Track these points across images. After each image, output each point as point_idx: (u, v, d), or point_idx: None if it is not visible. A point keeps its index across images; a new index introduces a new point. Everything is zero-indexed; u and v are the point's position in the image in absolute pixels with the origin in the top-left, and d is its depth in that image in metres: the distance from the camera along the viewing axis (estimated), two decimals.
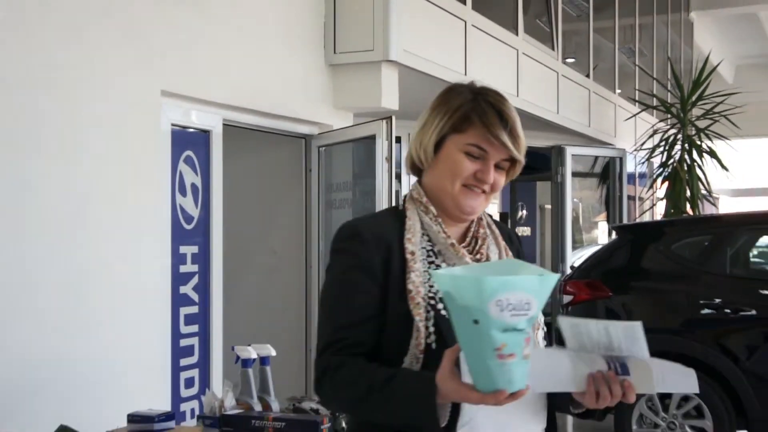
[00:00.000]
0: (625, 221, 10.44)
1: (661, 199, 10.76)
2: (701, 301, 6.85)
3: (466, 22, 7.07)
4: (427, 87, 6.74)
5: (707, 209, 11.14)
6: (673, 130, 10.64)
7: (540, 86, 8.84)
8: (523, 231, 14.97)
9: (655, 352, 6.08)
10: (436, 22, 6.69)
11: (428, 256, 2.15)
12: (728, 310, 6.76)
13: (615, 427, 6.93)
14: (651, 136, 10.67)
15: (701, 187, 10.38)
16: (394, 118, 5.42)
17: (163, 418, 3.41)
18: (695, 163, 10.50)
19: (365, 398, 2.02)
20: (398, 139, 8.70)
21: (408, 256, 2.11)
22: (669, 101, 10.98)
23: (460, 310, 1.81)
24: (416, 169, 2.27)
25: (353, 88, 6.06)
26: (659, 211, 11.48)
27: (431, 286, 2.08)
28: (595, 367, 2.01)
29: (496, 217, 11.91)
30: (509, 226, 15.11)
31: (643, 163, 11.01)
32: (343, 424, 3.65)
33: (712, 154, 10.44)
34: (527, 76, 8.38)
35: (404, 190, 8.81)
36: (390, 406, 2.01)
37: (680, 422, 6.73)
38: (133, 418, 3.42)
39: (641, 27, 12.77)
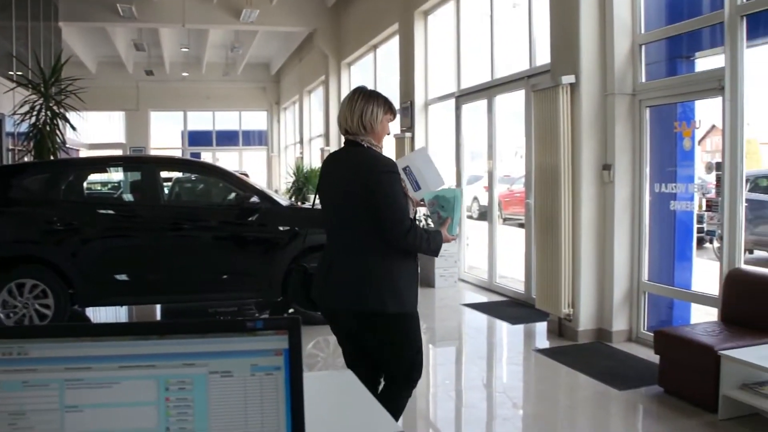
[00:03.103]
0: None
1: (31, 150, 10.58)
2: (47, 219, 6.91)
3: None
4: None
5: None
6: (39, 101, 10.59)
7: None
8: None
9: (20, 257, 6.80)
10: None
11: None
12: (63, 225, 6.95)
13: None
14: (22, 105, 10.52)
15: (58, 141, 10.74)
16: None
17: None
18: (55, 125, 10.68)
19: (428, 239, 3.11)
20: None
21: (402, 174, 3.24)
22: (37, 81, 10.89)
23: (458, 203, 3.27)
24: (352, 132, 3.18)
25: None
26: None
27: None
28: (409, 191, 3.27)
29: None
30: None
31: (18, 124, 10.81)
32: None
33: (65, 118, 10.87)
34: None
35: None
36: (433, 244, 3.14)
37: (31, 303, 6.75)
38: None
39: (19, 28, 12.52)
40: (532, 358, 6.21)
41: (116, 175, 10.25)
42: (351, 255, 3.13)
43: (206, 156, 25.80)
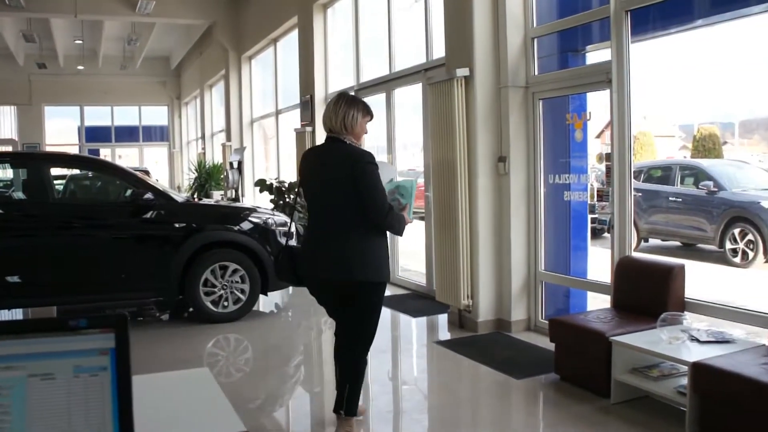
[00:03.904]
0: None
1: None
2: None
3: None
4: None
5: None
6: None
7: None
8: None
9: None
10: None
11: None
12: None
13: None
14: None
15: None
16: None
17: None
18: None
19: (399, 220, 3.76)
20: None
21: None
22: None
23: (411, 191, 3.85)
24: (335, 131, 3.79)
25: None
26: None
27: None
28: None
29: None
30: None
31: None
32: None
33: None
34: None
35: None
36: (402, 224, 3.79)
37: None
38: None
39: None
40: (434, 350, 6.24)
41: (3, 172, 9.77)
42: (337, 233, 3.74)
43: (105, 153, 24.95)
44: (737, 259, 9.68)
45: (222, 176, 16.20)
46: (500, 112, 6.45)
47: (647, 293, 5.07)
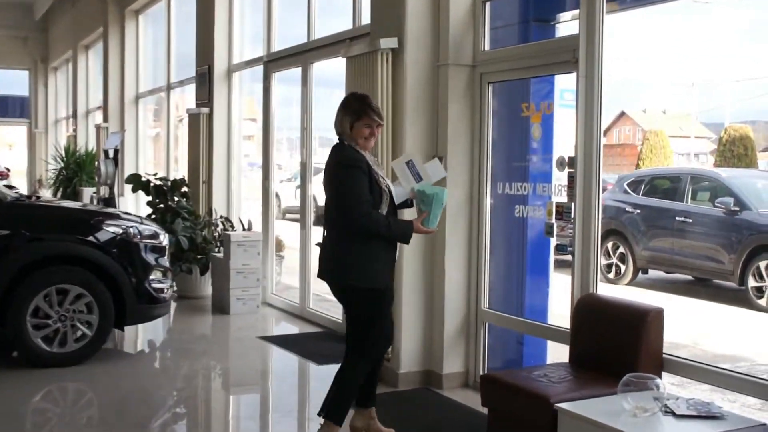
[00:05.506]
0: None
1: None
2: None
3: None
4: None
5: None
6: None
7: None
8: None
9: None
10: None
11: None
12: None
13: None
14: None
15: None
16: None
17: None
18: None
19: (387, 225, 4.64)
20: None
21: (374, 167, 4.71)
22: None
23: (439, 199, 4.69)
24: (340, 135, 4.79)
25: None
26: None
27: (384, 180, 4.76)
28: (412, 182, 4.81)
29: None
30: None
31: None
32: None
33: None
34: None
35: None
36: (395, 230, 4.70)
37: None
38: None
39: None
40: None
41: None
42: (329, 236, 4.88)
43: None
44: (763, 301, 9.58)
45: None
46: (437, 97, 6.41)
47: (613, 345, 4.99)
